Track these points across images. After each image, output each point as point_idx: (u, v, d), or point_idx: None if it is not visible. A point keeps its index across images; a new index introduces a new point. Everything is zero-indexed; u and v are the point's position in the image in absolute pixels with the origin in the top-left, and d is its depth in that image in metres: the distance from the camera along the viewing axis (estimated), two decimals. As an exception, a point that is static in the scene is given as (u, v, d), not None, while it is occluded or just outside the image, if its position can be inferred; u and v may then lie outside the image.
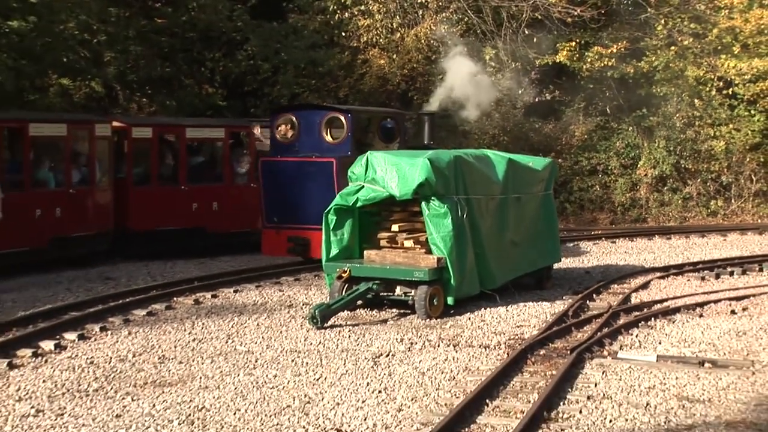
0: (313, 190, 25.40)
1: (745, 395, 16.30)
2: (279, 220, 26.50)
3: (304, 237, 25.83)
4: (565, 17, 42.42)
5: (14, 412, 15.14)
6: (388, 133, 27.90)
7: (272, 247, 26.76)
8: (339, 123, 26.16)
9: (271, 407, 15.46)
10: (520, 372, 17.46)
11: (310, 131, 26.55)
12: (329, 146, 26.08)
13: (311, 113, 27.06)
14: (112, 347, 19.32)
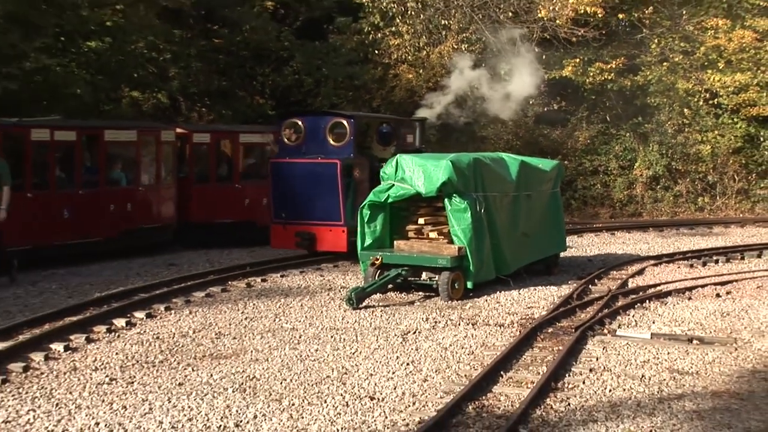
0: (318, 189, 25.09)
1: (729, 368, 16.26)
2: (286, 216, 25.98)
3: (310, 232, 25.42)
4: (570, 37, 42.31)
5: (91, 380, 15.25)
6: (385, 137, 27.62)
7: (280, 240, 26.32)
8: (342, 127, 25.80)
9: (313, 377, 15.46)
10: (530, 348, 17.48)
11: (316, 135, 26.17)
12: (333, 149, 25.63)
13: (316, 118, 26.74)
14: (175, 324, 19.37)
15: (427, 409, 13.83)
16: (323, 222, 25.06)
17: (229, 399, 14.26)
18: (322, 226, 25.09)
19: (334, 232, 25.30)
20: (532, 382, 15.06)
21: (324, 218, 25.00)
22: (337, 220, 25.28)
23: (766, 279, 24.98)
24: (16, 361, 16.36)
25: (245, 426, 13.18)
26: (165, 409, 13.79)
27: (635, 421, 13.51)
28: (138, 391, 14.72)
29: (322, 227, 25.08)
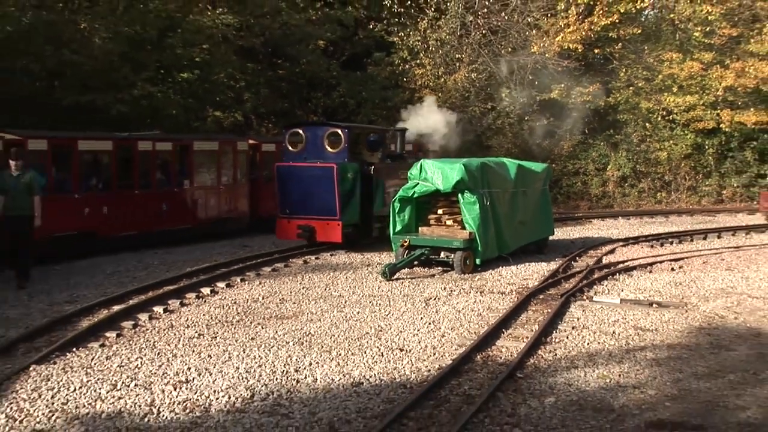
0: (317, 189, 24.35)
1: (681, 326, 16.26)
2: (290, 211, 25.12)
3: (311, 225, 24.56)
4: (557, 67, 42.18)
5: (184, 335, 15.37)
6: (372, 144, 26.81)
7: (285, 232, 25.38)
8: (337, 136, 25.11)
9: (355, 333, 15.49)
10: (525, 310, 17.50)
11: (315, 143, 25.41)
12: (330, 155, 24.91)
13: (316, 128, 25.99)
14: (248, 292, 19.41)
15: (445, 359, 13.87)
16: (322, 217, 24.46)
17: (290, 350, 14.32)
18: (320, 221, 24.46)
19: (331, 225, 24.49)
20: (526, 337, 15.14)
21: (322, 214, 24.41)
22: (333, 216, 24.47)
23: (710, 256, 24.90)
24: (128, 320, 16.53)
25: (303, 371, 13.23)
26: (240, 358, 13.87)
27: (607, 368, 13.51)
28: (219, 343, 14.85)
29: (320, 221, 24.45)
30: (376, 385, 12.65)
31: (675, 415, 11.38)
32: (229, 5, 36.33)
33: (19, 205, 18.89)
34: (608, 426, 10.99)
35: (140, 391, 12.24)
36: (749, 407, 11.70)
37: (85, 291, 19.40)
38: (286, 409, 11.67)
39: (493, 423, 11.10)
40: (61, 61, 30.99)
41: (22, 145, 21.74)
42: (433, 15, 41.77)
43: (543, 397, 12.12)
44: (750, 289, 20.10)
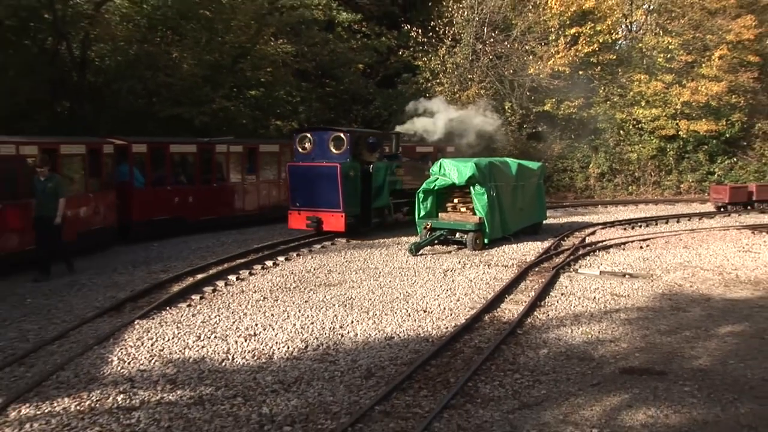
0: (323, 185, 23.27)
1: (647, 292, 16.21)
2: (300, 204, 23.80)
3: (318, 216, 23.35)
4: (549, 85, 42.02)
5: (252, 298, 15.47)
6: (371, 146, 25.36)
7: (295, 223, 23.97)
8: (341, 140, 23.75)
9: (387, 297, 15.51)
10: (524, 280, 17.45)
11: (321, 145, 24.04)
12: (334, 155, 23.64)
13: (322, 132, 24.51)
14: (302, 265, 19.43)
15: (459, 318, 13.86)
16: (327, 209, 23.19)
17: (336, 311, 14.34)
18: (326, 212, 23.22)
19: (335, 216, 23.14)
20: (525, 301, 15.12)
21: (328, 206, 23.15)
22: (337, 208, 23.09)
23: (671, 237, 24.72)
24: (208, 285, 16.65)
25: (346, 327, 13.26)
26: (297, 317, 13.91)
27: (589, 326, 13.47)
28: (280, 305, 14.90)
29: (326, 213, 23.21)
30: (405, 339, 12.67)
31: (643, 363, 11.41)
32: (287, 37, 36.37)
33: (45, 206, 17.39)
34: (590, 372, 10.97)
35: (218, 342, 12.33)
36: (701, 357, 11.77)
37: (175, 263, 19.52)
38: (333, 357, 11.72)
39: (498, 369, 11.11)
40: (158, 83, 31.31)
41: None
42: (449, 44, 41.65)
43: (538, 349, 12.11)
44: (702, 263, 19.98)
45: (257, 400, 9.93)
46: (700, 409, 9.57)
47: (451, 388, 10.22)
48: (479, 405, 9.75)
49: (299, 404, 9.79)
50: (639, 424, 9.08)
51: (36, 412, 9.59)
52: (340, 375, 10.86)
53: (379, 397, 9.88)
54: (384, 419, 9.30)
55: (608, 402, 9.80)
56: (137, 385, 10.45)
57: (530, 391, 10.24)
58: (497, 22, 42.63)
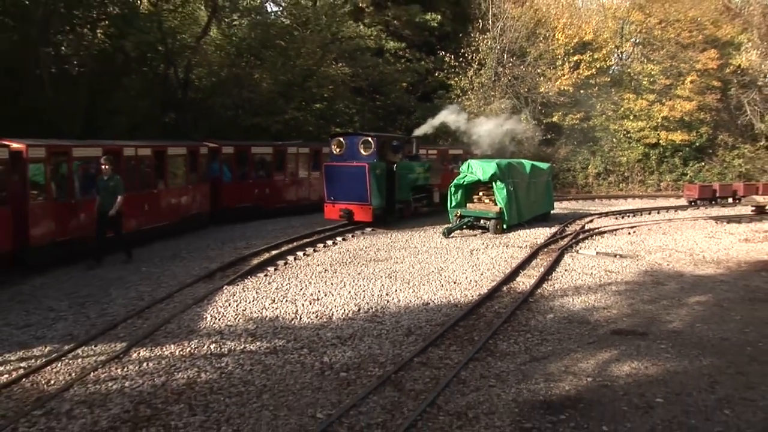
0: (354, 182, 22.19)
1: (634, 269, 16.06)
2: (334, 198, 22.60)
3: (349, 209, 22.22)
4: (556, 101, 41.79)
5: (315, 270, 15.46)
6: (395, 149, 24.48)
7: (330, 214, 22.71)
8: (369, 143, 22.74)
9: (425, 271, 15.49)
10: (535, 258, 17.32)
11: (352, 147, 22.96)
12: (363, 156, 22.58)
13: (353, 137, 23.41)
14: (355, 244, 19.44)
15: (482, 289, 13.83)
16: (357, 202, 22.11)
17: (383, 282, 14.36)
18: (356, 205, 22.13)
19: (364, 209, 22.07)
20: (535, 276, 15.03)
21: (358, 200, 22.08)
22: (366, 202, 22.00)
23: (653, 225, 24.40)
24: (281, 259, 16.73)
25: (392, 294, 13.29)
26: (351, 285, 13.96)
27: (587, 295, 13.39)
28: (338, 276, 14.94)
29: (356, 206, 22.13)
30: (438, 305, 12.69)
31: (629, 326, 11.36)
32: (346, 61, 36.36)
33: (105, 203, 16.18)
34: (587, 333, 10.94)
35: (289, 305, 12.42)
36: (674, 321, 11.75)
37: (255, 241, 19.63)
38: (380, 318, 11.76)
39: (514, 330, 11.10)
40: (243, 98, 31.54)
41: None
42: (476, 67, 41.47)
43: (545, 314, 12.07)
44: (677, 246, 19.73)
45: (320, 351, 10.02)
46: (672, 362, 9.61)
47: (476, 344, 10.25)
48: (498, 358, 9.77)
49: (353, 355, 9.86)
50: (625, 374, 9.10)
51: (150, 354, 9.80)
52: (386, 333, 10.92)
53: (417, 350, 9.93)
54: (421, 368, 9.35)
55: (601, 357, 9.78)
56: (225, 336, 10.60)
57: (539, 348, 10.24)
58: (515, 50, 42.52)
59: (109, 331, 10.80)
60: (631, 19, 45.38)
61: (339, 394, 8.44)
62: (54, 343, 10.24)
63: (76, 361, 9.49)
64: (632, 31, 46.40)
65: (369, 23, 38.71)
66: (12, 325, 11.18)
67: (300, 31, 34.73)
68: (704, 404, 8.18)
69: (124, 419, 7.69)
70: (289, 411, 7.93)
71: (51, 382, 8.78)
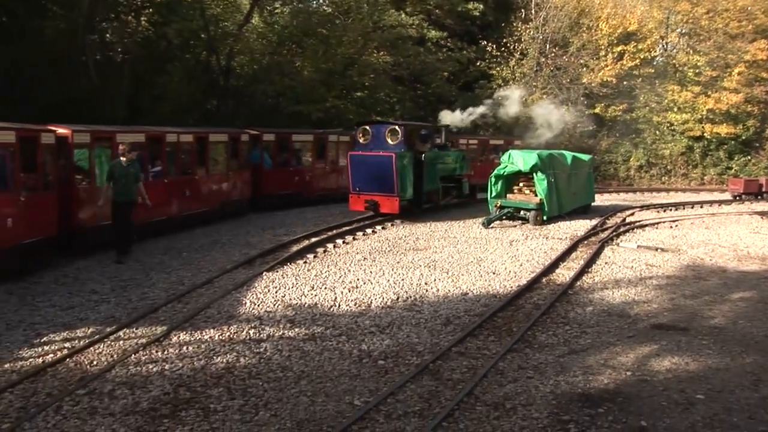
0: (380, 172, 21.03)
1: (675, 264, 15.86)
2: (359, 189, 21.56)
3: (375, 200, 21.28)
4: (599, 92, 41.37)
5: (354, 258, 15.54)
6: (423, 138, 23.38)
7: (355, 205, 21.82)
8: (396, 132, 21.58)
9: (464, 261, 15.46)
10: (575, 250, 17.18)
11: (379, 136, 21.90)
12: (390, 146, 21.56)
13: (380, 126, 22.33)
14: (395, 233, 19.47)
15: (522, 280, 13.76)
16: (383, 194, 21.20)
17: (422, 271, 14.35)
18: (382, 196, 21.19)
19: (391, 200, 21.14)
20: (575, 268, 14.89)
21: (384, 191, 21.17)
22: (392, 193, 21.10)
23: (695, 219, 24.06)
24: (320, 247, 16.81)
25: (430, 284, 13.29)
26: (390, 274, 13.97)
27: (627, 289, 13.26)
28: (377, 264, 14.96)
29: (382, 197, 21.18)
30: (477, 295, 12.65)
31: (670, 320, 11.22)
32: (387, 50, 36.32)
33: (125, 191, 15.03)
34: (626, 326, 10.83)
35: (328, 292, 12.48)
36: (716, 317, 11.57)
37: (295, 228, 19.73)
38: (419, 307, 11.76)
39: (552, 322, 11.04)
40: (284, 86, 31.75)
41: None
42: (518, 57, 41.21)
43: (585, 307, 11.98)
44: (720, 241, 19.40)
45: (358, 338, 10.06)
46: (714, 359, 9.45)
47: (514, 335, 10.20)
48: (536, 350, 9.71)
49: (391, 343, 9.88)
50: (665, 369, 8.99)
51: (190, 338, 9.92)
52: (424, 322, 10.92)
53: (455, 340, 9.92)
54: (459, 358, 9.34)
55: (640, 351, 9.67)
56: (264, 322, 10.68)
57: (578, 340, 10.16)
58: (557, 40, 42.09)
59: (150, 315, 10.95)
60: (677, 9, 44.53)
61: (376, 381, 8.46)
62: (97, 324, 10.42)
63: (117, 343, 9.65)
64: (678, 21, 45.57)
65: (411, 12, 38.57)
66: (56, 306, 11.40)
67: (342, 19, 34.76)
68: (747, 402, 8.04)
69: (164, 401, 7.79)
70: (326, 397, 7.97)
71: (94, 363, 8.93)
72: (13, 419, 7.29)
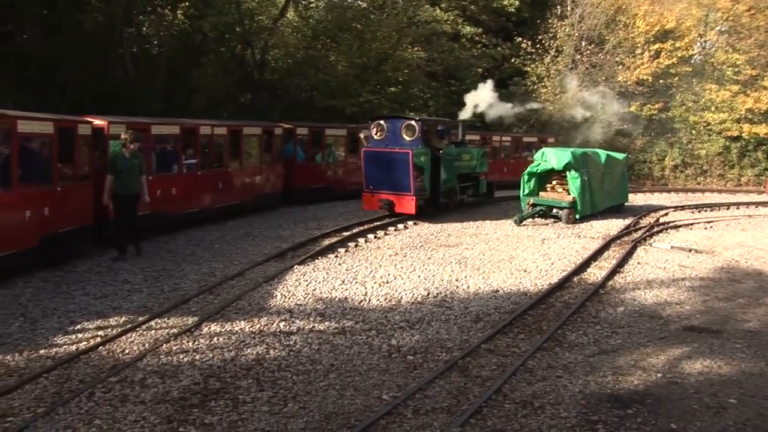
0: (395, 170, 20.02)
1: (709, 266, 15.59)
2: (373, 187, 20.41)
3: (390, 199, 20.01)
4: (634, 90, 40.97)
5: (386, 253, 15.52)
6: (440, 134, 22.32)
7: (369, 204, 20.70)
8: (413, 127, 20.48)
9: (495, 258, 15.38)
10: (607, 250, 16.98)
11: (394, 132, 20.73)
12: (406, 142, 20.37)
13: (395, 120, 21.08)
14: (426, 229, 19.42)
15: (553, 279, 13.67)
16: (399, 192, 20.04)
17: (453, 267, 14.32)
18: (398, 195, 20.03)
19: (407, 199, 19.97)
20: (607, 267, 14.73)
21: (399, 190, 20.03)
22: (408, 192, 19.90)
23: (731, 220, 23.76)
24: (351, 241, 16.88)
25: (461, 280, 13.26)
26: (421, 270, 13.96)
27: (659, 290, 13.11)
28: (408, 260, 14.94)
29: (398, 196, 20.03)
30: (508, 292, 12.59)
31: (702, 323, 11.07)
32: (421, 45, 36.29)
33: (128, 185, 14.11)
34: (658, 328, 10.72)
35: (358, 287, 12.50)
36: (751, 320, 11.37)
37: (326, 222, 19.81)
38: (449, 304, 11.74)
39: (583, 321, 10.96)
40: (318, 80, 31.86)
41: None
42: (553, 54, 41.00)
43: (616, 307, 11.87)
44: (756, 243, 19.09)
45: (387, 333, 10.07)
46: (747, 363, 9.29)
47: (544, 334, 10.15)
48: (566, 349, 9.66)
49: (421, 339, 9.88)
50: (696, 372, 8.86)
51: (221, 329, 10.00)
52: (454, 318, 10.90)
53: (485, 337, 9.89)
54: (488, 355, 9.31)
55: (672, 353, 9.57)
56: (295, 315, 10.73)
57: (608, 341, 10.08)
58: (593, 37, 41.80)
59: (182, 305, 11.06)
60: (717, 6, 43.83)
61: (405, 377, 8.47)
62: (129, 314, 10.55)
63: (149, 333, 9.76)
64: (718, 18, 44.88)
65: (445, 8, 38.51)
66: (90, 295, 11.55)
67: (376, 14, 34.83)
68: (781, 407, 7.93)
69: (194, 391, 7.87)
70: (355, 391, 8.00)
71: (125, 352, 9.05)
72: (48, 404, 7.41)
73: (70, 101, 21.09)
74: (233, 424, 7.10)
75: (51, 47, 23.03)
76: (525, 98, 32.93)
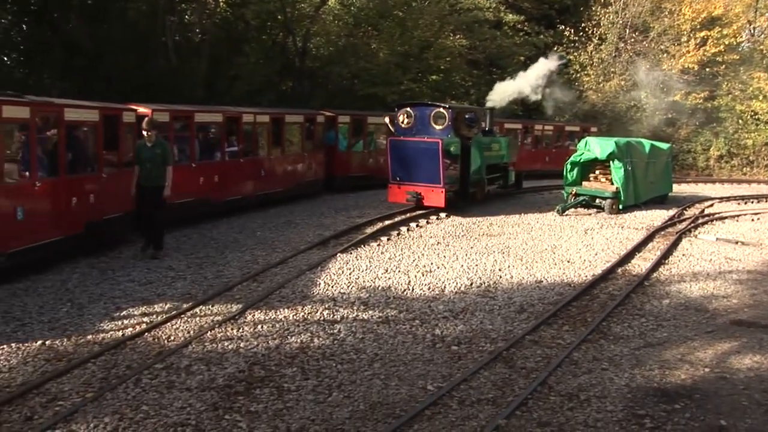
0: (424, 160, 19.00)
1: (757, 258, 15.34)
2: (400, 179, 19.47)
3: (418, 192, 19.04)
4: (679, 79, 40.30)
5: (428, 242, 15.53)
6: (470, 122, 21.09)
7: (395, 196, 19.55)
8: (442, 115, 19.48)
9: (538, 248, 15.29)
10: (652, 241, 16.76)
11: (423, 120, 19.66)
12: (436, 131, 19.42)
13: (424, 108, 20.09)
14: (469, 218, 19.29)
15: (596, 269, 13.54)
16: (428, 184, 19.10)
17: (496, 257, 14.26)
18: (426, 187, 19.10)
19: (436, 192, 19.01)
20: (652, 259, 14.56)
21: (428, 181, 19.08)
22: (438, 183, 18.98)
23: (780, 212, 23.41)
24: (393, 230, 16.86)
25: (504, 270, 13.19)
26: (464, 259, 13.92)
27: (706, 282, 12.91)
28: (450, 249, 14.91)
29: (426, 188, 19.10)
30: (551, 283, 12.50)
31: (751, 317, 10.85)
32: (463, 33, 36.09)
33: (153, 175, 13.07)
34: (704, 321, 10.55)
35: (401, 275, 12.49)
36: (803, 316, 11.13)
37: (369, 210, 19.79)
38: (492, 294, 11.68)
39: (628, 314, 10.83)
40: (359, 68, 31.85)
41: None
42: (596, 42, 40.48)
43: (661, 299, 11.72)
44: (807, 235, 18.80)
45: (431, 323, 10.04)
46: (800, 360, 9.09)
47: (589, 325, 10.05)
48: (611, 341, 9.55)
49: (464, 329, 9.84)
50: (745, 368, 8.68)
51: (264, 317, 10.06)
52: (498, 308, 10.84)
53: (529, 328, 9.82)
54: (532, 346, 9.25)
55: (719, 347, 9.40)
56: (338, 304, 10.75)
57: (654, 333, 9.95)
58: (637, 24, 41.15)
59: (225, 293, 11.14)
60: (767, -8, 43.06)
61: (450, 367, 8.44)
62: (174, 301, 10.65)
63: (194, 320, 9.84)
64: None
65: (488, -5, 38.23)
66: (135, 281, 11.69)
67: (418, 1, 34.67)
68: (834, 405, 7.75)
69: (239, 378, 7.93)
70: (399, 381, 7.99)
71: (171, 338, 9.14)
72: (96, 389, 7.51)
73: (115, 90, 21.35)
74: (278, 412, 7.13)
75: (96, 36, 23.32)
76: (568, 87, 32.49)
